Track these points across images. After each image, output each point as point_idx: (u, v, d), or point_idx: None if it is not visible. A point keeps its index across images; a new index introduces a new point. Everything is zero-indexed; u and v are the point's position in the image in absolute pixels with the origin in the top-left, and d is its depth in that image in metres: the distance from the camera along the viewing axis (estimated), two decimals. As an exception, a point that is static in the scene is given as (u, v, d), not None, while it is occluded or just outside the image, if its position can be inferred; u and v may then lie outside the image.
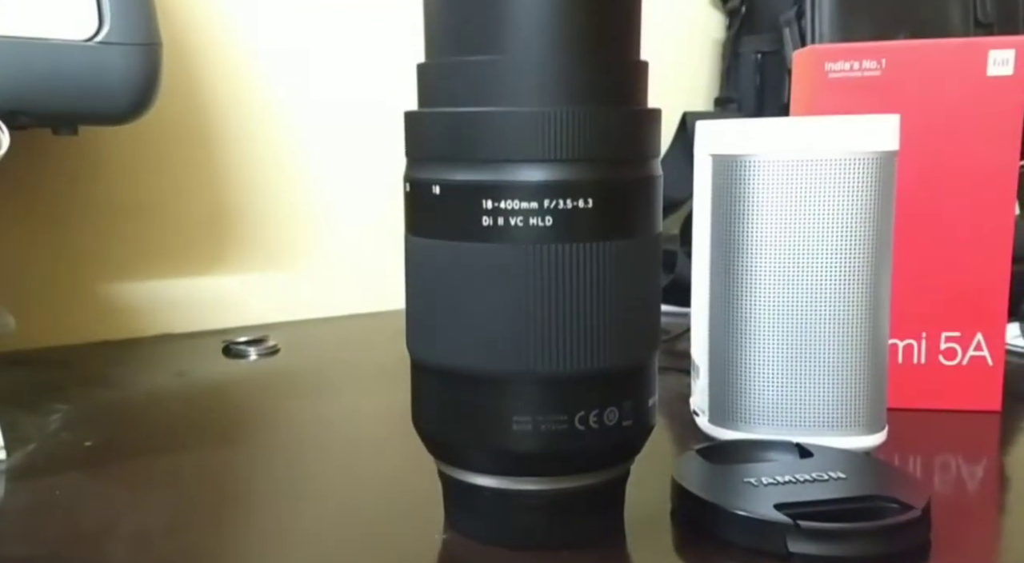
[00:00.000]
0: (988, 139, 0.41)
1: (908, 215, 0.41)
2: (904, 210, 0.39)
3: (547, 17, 0.26)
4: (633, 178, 0.28)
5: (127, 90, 0.44)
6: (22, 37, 0.41)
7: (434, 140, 0.28)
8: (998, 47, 0.41)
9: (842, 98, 0.41)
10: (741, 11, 0.66)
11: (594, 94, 0.27)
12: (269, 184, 0.63)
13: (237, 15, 0.60)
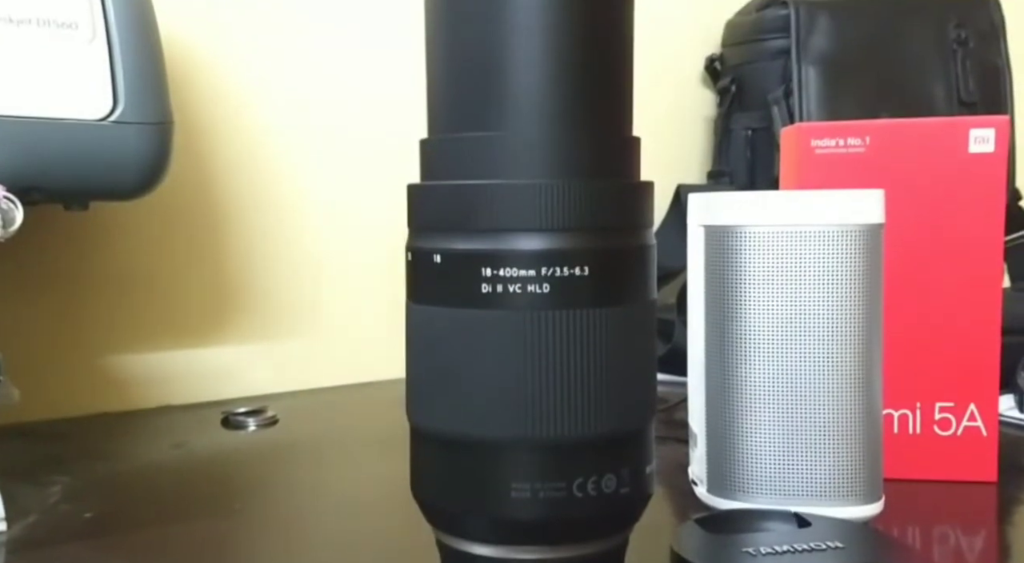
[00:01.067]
0: (972, 214, 0.43)
1: (897, 287, 0.42)
2: (893, 282, 0.40)
3: (543, 95, 0.27)
4: (627, 246, 0.29)
5: (139, 167, 0.46)
6: (40, 117, 0.43)
7: (436, 211, 0.29)
8: (978, 126, 0.42)
9: (828, 173, 0.43)
10: (731, 90, 0.68)
11: (589, 167, 0.28)
12: (269, 256, 0.64)
13: (240, 93, 0.62)
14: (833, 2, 0.65)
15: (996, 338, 0.43)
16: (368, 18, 0.65)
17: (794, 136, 0.44)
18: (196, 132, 0.60)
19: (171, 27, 0.49)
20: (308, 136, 0.64)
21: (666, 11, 0.71)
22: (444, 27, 0.29)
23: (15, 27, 0.43)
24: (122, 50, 0.45)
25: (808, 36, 0.63)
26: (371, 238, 0.66)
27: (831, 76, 0.62)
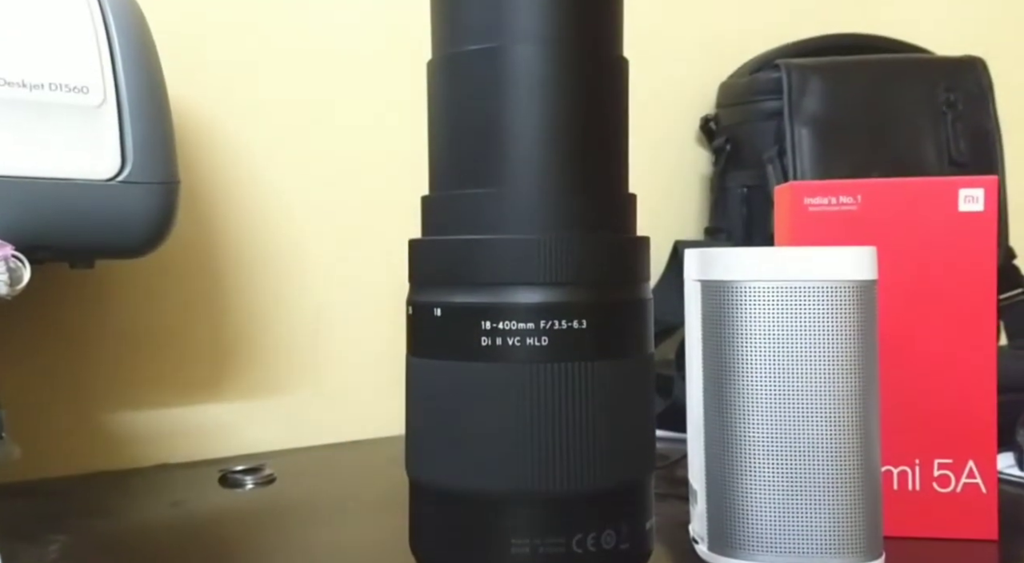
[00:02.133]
0: (965, 272, 0.43)
1: (893, 343, 0.42)
2: (889, 339, 0.40)
3: (541, 154, 0.28)
4: (625, 300, 0.30)
5: (145, 226, 0.46)
6: (49, 178, 0.43)
7: (436, 265, 0.29)
8: (967, 186, 0.43)
9: (821, 230, 0.43)
10: (726, 149, 0.69)
11: (586, 223, 0.29)
12: (269, 312, 0.64)
13: (243, 151, 0.63)
14: (823, 65, 0.66)
15: (992, 395, 0.43)
16: (370, 78, 0.66)
17: (788, 194, 0.45)
18: (199, 190, 0.61)
19: (178, 87, 0.50)
20: (310, 193, 0.65)
21: (662, 72, 0.73)
22: (446, 88, 0.30)
23: (28, 91, 0.44)
24: (132, 112, 0.46)
25: (800, 98, 0.64)
26: (372, 294, 0.66)
27: (823, 136, 0.64)
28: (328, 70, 0.65)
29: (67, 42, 0.44)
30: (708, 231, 0.73)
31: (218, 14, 0.61)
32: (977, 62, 0.68)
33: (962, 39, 0.74)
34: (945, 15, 0.83)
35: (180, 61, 0.52)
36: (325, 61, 0.64)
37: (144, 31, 0.47)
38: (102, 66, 0.45)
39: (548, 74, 0.28)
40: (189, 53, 0.59)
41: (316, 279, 0.66)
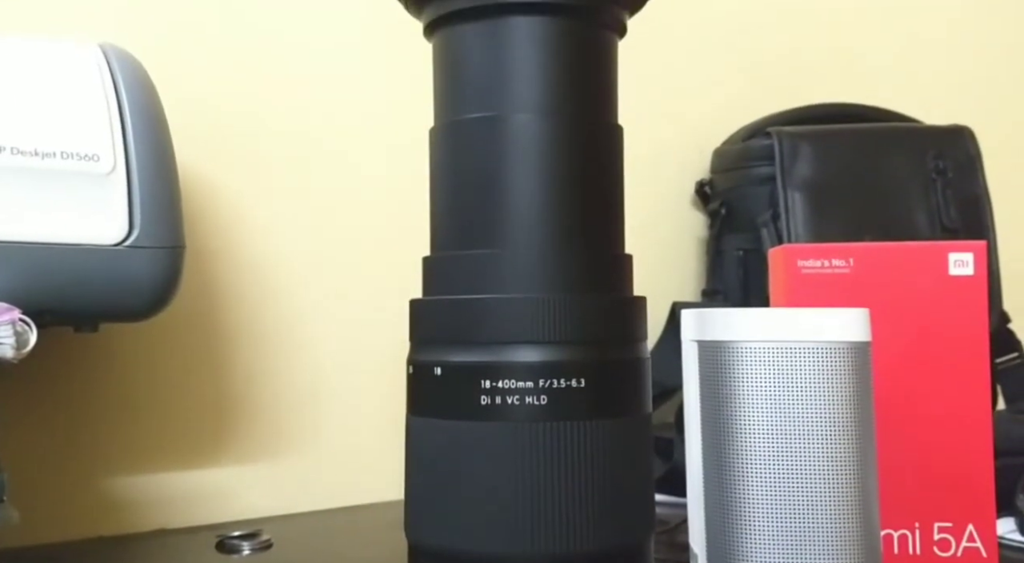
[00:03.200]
0: (957, 335, 0.44)
1: (889, 406, 0.42)
2: (885, 401, 0.40)
3: (539, 216, 0.29)
4: (622, 359, 0.30)
5: (150, 290, 0.46)
6: (57, 243, 0.44)
7: (437, 324, 0.30)
8: (957, 250, 0.44)
9: (815, 292, 0.44)
10: (721, 212, 0.71)
11: (583, 283, 0.29)
12: (268, 375, 0.65)
13: (245, 216, 0.64)
14: (814, 133, 0.68)
15: (989, 458, 0.43)
16: (373, 143, 0.68)
17: (781, 256, 0.45)
18: (200, 253, 0.62)
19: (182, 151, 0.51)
20: (311, 255, 0.66)
21: (658, 139, 0.75)
22: (448, 154, 0.31)
23: (40, 159, 0.45)
24: (140, 179, 0.47)
25: (792, 164, 0.66)
26: (372, 355, 0.67)
27: (816, 201, 0.65)
28: (331, 136, 0.66)
29: (80, 111, 0.46)
30: (705, 293, 0.73)
31: (225, 81, 0.63)
32: (964, 131, 0.69)
33: (949, 109, 0.76)
34: (932, 85, 0.86)
35: (186, 126, 0.53)
36: (328, 128, 0.66)
37: (154, 98, 0.49)
38: (113, 134, 0.46)
39: (546, 141, 0.29)
40: (196, 118, 0.60)
41: (316, 341, 0.66)
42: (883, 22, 0.85)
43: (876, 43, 0.84)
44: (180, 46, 0.61)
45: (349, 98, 0.67)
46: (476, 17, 0.31)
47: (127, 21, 0.60)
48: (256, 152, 0.64)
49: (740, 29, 0.79)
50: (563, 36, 0.31)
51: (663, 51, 0.75)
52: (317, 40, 0.65)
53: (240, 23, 0.63)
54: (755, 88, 0.78)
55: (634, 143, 0.32)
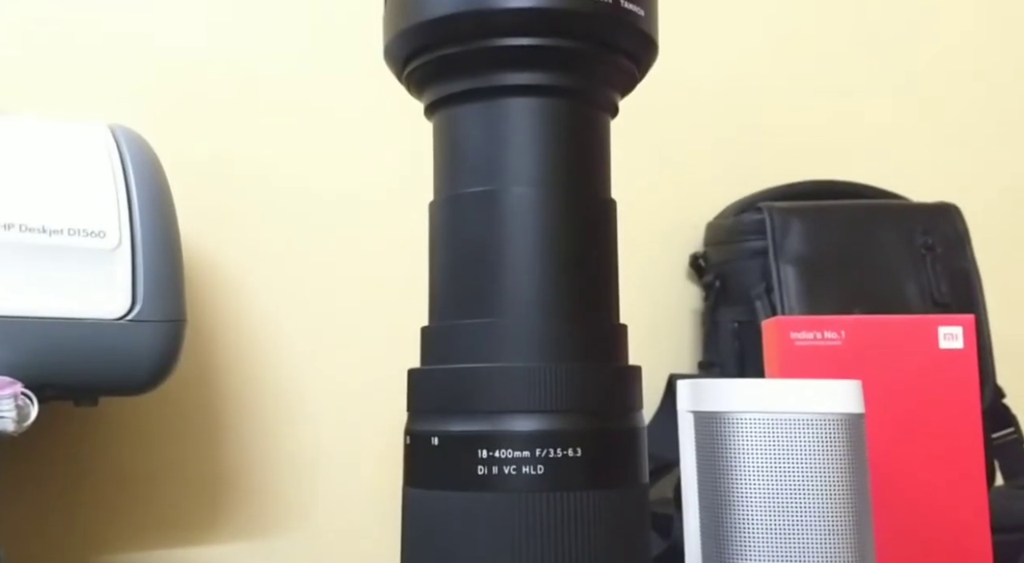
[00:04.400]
0: (950, 409, 0.44)
1: (884, 478, 0.43)
2: (880, 473, 0.41)
3: (536, 286, 0.30)
4: (618, 428, 0.30)
5: (151, 364, 0.47)
6: (60, 318, 0.45)
7: (434, 394, 0.30)
8: (946, 324, 0.45)
9: (808, 364, 0.45)
10: (716, 285, 0.71)
11: (579, 352, 0.30)
12: (267, 448, 0.64)
13: (243, 289, 0.65)
14: (804, 208, 0.69)
15: (986, 533, 0.43)
16: (371, 217, 0.69)
17: (775, 328, 0.46)
18: (198, 326, 0.63)
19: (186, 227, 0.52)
20: (309, 329, 0.66)
21: (652, 212, 0.76)
22: (447, 227, 0.32)
23: (48, 236, 0.45)
24: (144, 254, 0.48)
25: (783, 238, 0.67)
26: (370, 428, 0.67)
27: (808, 275, 0.66)
28: (332, 211, 0.67)
29: (87, 189, 0.47)
30: (702, 365, 0.74)
31: (229, 157, 0.65)
32: (951, 208, 0.71)
33: (936, 186, 0.77)
34: (919, 164, 0.88)
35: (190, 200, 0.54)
36: (329, 203, 0.67)
37: (160, 175, 0.50)
38: (119, 211, 0.47)
39: (541, 213, 0.30)
40: (200, 193, 0.62)
41: (313, 413, 0.66)
42: (870, 101, 0.87)
43: (863, 121, 0.87)
44: (186, 124, 0.63)
45: (350, 174, 0.68)
46: (475, 98, 0.33)
47: (137, 101, 0.62)
48: (256, 226, 0.65)
49: (730, 108, 0.82)
50: (557, 116, 0.32)
51: (657, 129, 0.77)
52: (320, 119, 0.67)
53: (246, 101, 0.65)
54: (745, 164, 0.80)
55: (629, 217, 0.33)
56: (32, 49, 0.60)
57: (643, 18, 0.33)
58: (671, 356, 0.76)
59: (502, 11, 0.31)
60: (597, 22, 0.32)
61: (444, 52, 0.32)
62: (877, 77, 0.88)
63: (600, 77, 0.33)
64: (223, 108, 0.64)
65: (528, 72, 0.32)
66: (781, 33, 0.85)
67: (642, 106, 0.51)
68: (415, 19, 0.32)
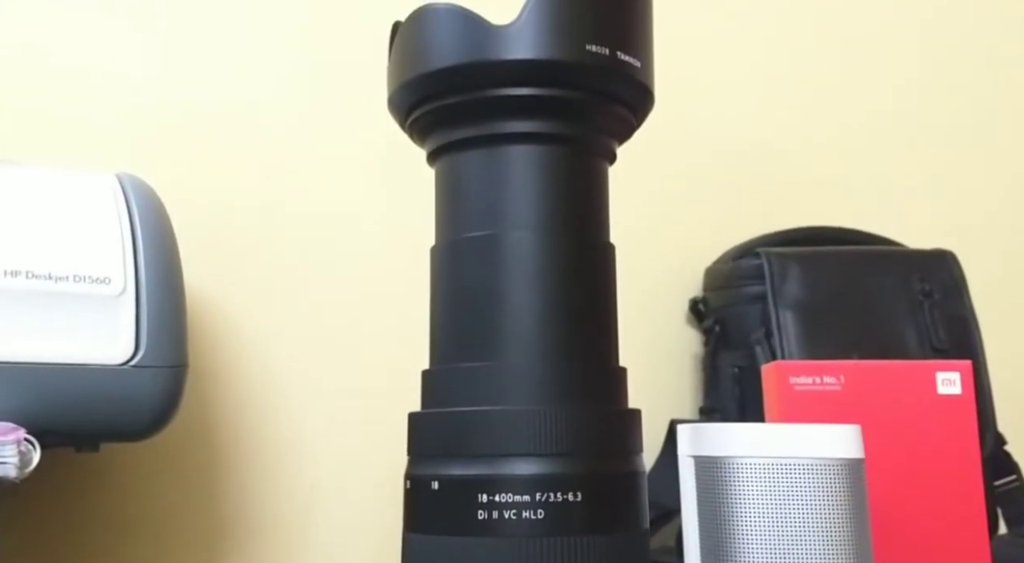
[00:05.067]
0: (949, 455, 0.44)
1: (884, 524, 0.42)
2: (879, 519, 0.40)
3: (535, 329, 0.30)
4: (618, 472, 0.30)
5: (152, 409, 0.47)
6: (63, 363, 0.45)
7: (434, 438, 0.31)
8: (944, 369, 0.45)
9: (807, 409, 0.45)
10: (715, 330, 0.71)
11: (578, 395, 0.30)
12: (267, 492, 0.64)
13: (244, 336, 0.65)
14: (801, 254, 0.70)
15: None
16: (372, 263, 0.69)
17: (774, 373, 0.46)
18: (197, 370, 0.63)
19: (190, 273, 0.52)
20: (308, 371, 0.66)
21: (651, 257, 0.77)
22: (447, 270, 0.33)
23: (54, 283, 0.46)
24: (148, 301, 0.48)
25: (782, 283, 0.67)
26: (370, 473, 0.66)
27: (807, 319, 0.66)
28: (333, 257, 0.68)
29: (94, 236, 0.47)
30: (703, 411, 0.73)
31: (232, 203, 0.65)
32: (948, 255, 0.71)
33: (932, 233, 0.78)
34: (915, 211, 0.88)
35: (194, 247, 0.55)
36: (331, 249, 0.68)
37: (165, 223, 0.50)
38: (124, 257, 0.48)
39: (540, 257, 0.31)
40: (204, 239, 0.62)
41: (313, 459, 0.66)
42: (866, 149, 0.88)
43: (859, 169, 0.88)
44: (192, 172, 0.64)
45: (351, 221, 0.69)
46: (476, 146, 0.33)
47: (144, 150, 0.63)
48: (258, 271, 0.66)
49: (729, 155, 0.83)
50: (557, 162, 0.33)
51: (656, 174, 0.78)
52: (322, 165, 0.68)
53: (249, 150, 0.66)
54: (743, 210, 0.81)
55: (629, 261, 0.33)
56: (42, 100, 0.61)
57: (639, 69, 0.34)
58: (672, 401, 0.76)
59: (503, 62, 0.32)
60: (595, 73, 0.32)
61: (446, 102, 0.33)
62: (872, 125, 0.89)
63: (598, 125, 0.34)
64: (227, 157, 0.65)
65: (528, 120, 0.33)
66: (778, 82, 0.86)
67: (642, 152, 0.52)
68: (419, 70, 0.33)
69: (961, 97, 0.93)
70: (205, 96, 0.65)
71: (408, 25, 0.34)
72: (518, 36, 0.32)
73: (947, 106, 0.93)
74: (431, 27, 0.33)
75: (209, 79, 0.65)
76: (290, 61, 0.68)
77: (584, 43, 0.32)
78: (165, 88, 0.64)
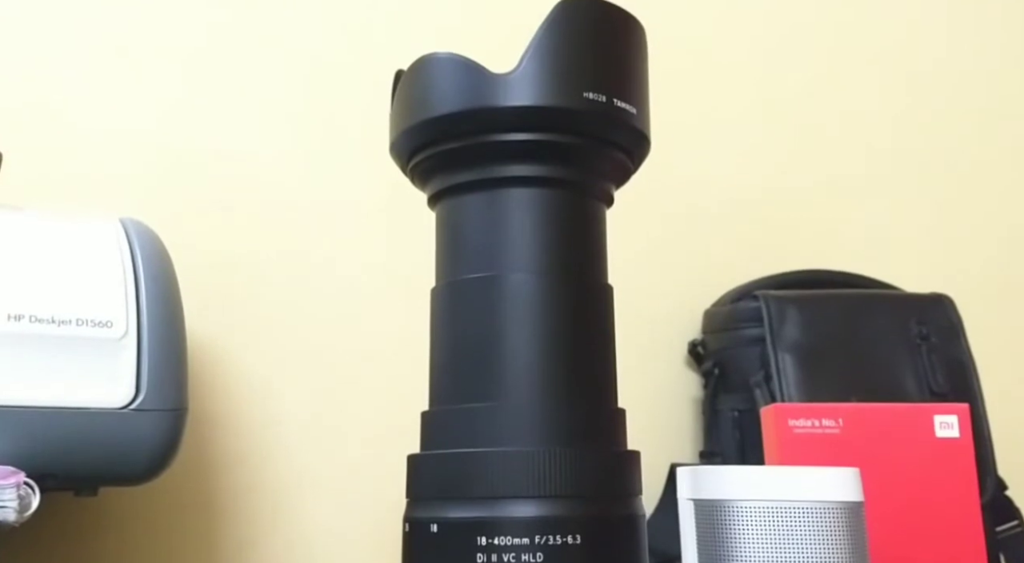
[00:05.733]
0: (949, 498, 0.44)
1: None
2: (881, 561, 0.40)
3: (534, 371, 0.30)
4: (618, 515, 0.30)
5: (152, 453, 0.46)
6: (63, 407, 0.44)
7: (433, 480, 0.31)
8: (941, 413, 0.45)
9: (806, 451, 0.45)
10: (715, 372, 0.71)
11: (577, 435, 0.30)
12: (264, 540, 0.64)
13: (245, 382, 0.65)
14: (799, 297, 0.70)
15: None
16: (372, 305, 0.69)
17: (773, 416, 0.47)
18: (197, 415, 0.63)
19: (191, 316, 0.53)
20: (310, 417, 0.66)
21: (650, 300, 0.77)
22: (447, 311, 0.33)
23: (56, 327, 0.46)
24: (150, 344, 0.48)
25: (780, 326, 0.68)
26: (370, 515, 0.66)
27: (806, 362, 0.66)
28: (334, 300, 0.68)
29: (97, 280, 0.47)
30: (703, 455, 0.73)
31: (234, 248, 0.66)
32: (944, 299, 0.72)
33: (929, 278, 0.78)
34: (912, 255, 0.89)
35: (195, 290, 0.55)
36: (331, 292, 0.68)
37: (167, 267, 0.51)
38: (127, 301, 0.48)
39: (540, 298, 0.31)
40: (205, 282, 0.63)
41: (314, 501, 0.66)
42: (863, 194, 0.89)
43: (856, 214, 0.88)
44: (195, 217, 0.65)
45: (352, 264, 0.69)
46: (476, 189, 0.34)
47: (149, 196, 0.63)
48: (257, 316, 0.66)
49: (727, 198, 0.83)
50: (555, 205, 0.34)
51: (654, 218, 0.79)
52: (323, 210, 0.69)
53: (251, 195, 0.67)
54: (741, 253, 0.81)
55: (628, 303, 0.34)
56: (49, 146, 0.62)
57: (635, 116, 0.34)
58: (672, 445, 0.75)
59: (502, 109, 0.33)
60: (592, 119, 0.33)
61: (448, 146, 0.34)
62: (869, 170, 0.90)
63: (595, 169, 0.35)
64: (230, 202, 0.66)
65: (527, 164, 0.33)
66: (776, 127, 0.88)
67: (641, 195, 0.53)
68: (420, 117, 0.34)
69: (957, 143, 0.95)
70: (208, 143, 0.66)
71: (411, 73, 0.35)
72: (517, 84, 0.32)
73: (943, 151, 0.94)
74: (433, 75, 0.34)
75: (212, 126, 0.67)
76: (292, 109, 0.69)
77: (582, 90, 0.33)
78: (169, 135, 0.65)
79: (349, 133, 0.70)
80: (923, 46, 0.96)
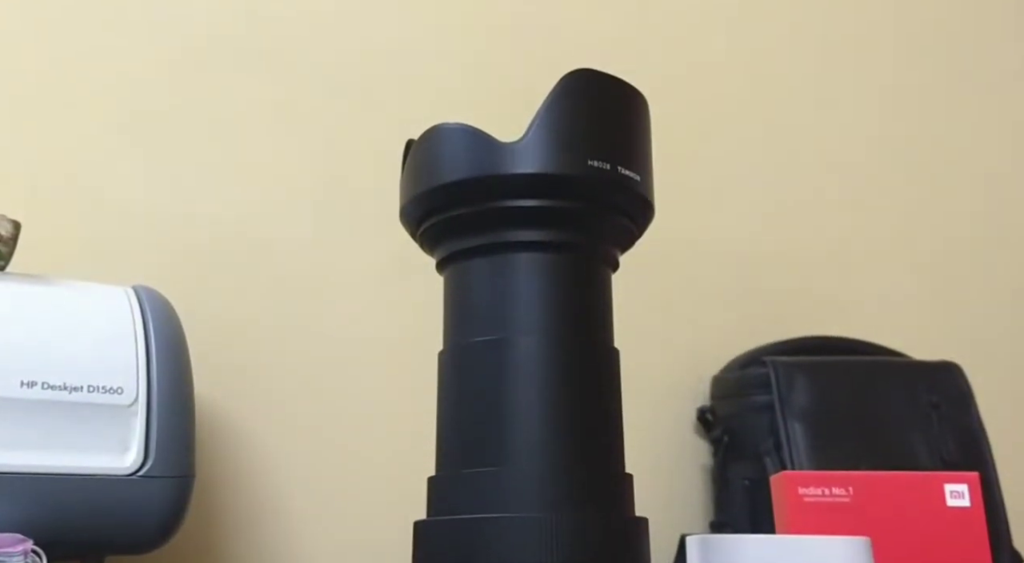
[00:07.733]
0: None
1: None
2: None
3: (541, 435, 0.30)
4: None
5: (159, 520, 0.46)
6: (72, 474, 0.44)
7: (439, 548, 0.30)
8: (952, 481, 0.45)
9: (817, 520, 0.44)
10: (724, 440, 0.71)
11: (584, 500, 0.30)
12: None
13: (250, 446, 0.65)
14: (808, 363, 0.70)
15: None
16: (378, 369, 0.69)
17: (783, 484, 0.46)
18: (202, 481, 0.62)
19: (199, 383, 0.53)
20: (315, 483, 0.66)
21: (658, 364, 0.77)
22: (455, 375, 0.33)
23: (68, 394, 0.46)
24: (159, 411, 0.48)
25: (789, 393, 0.67)
26: None
27: (816, 430, 0.65)
28: (338, 370, 0.68)
29: (109, 348, 0.48)
30: (713, 526, 0.72)
31: (243, 316, 0.66)
32: (953, 367, 0.71)
33: (937, 346, 0.78)
34: (920, 323, 0.89)
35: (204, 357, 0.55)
36: (337, 356, 0.68)
37: (179, 335, 0.51)
38: (138, 369, 0.48)
39: (546, 361, 0.32)
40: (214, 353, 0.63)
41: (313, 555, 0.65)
42: (870, 261, 0.90)
43: (864, 281, 0.89)
44: (206, 285, 0.65)
45: (359, 333, 0.70)
46: (484, 253, 0.35)
47: (162, 265, 0.64)
48: (264, 383, 0.66)
49: (734, 265, 0.84)
50: (561, 269, 0.34)
51: (662, 283, 0.79)
52: (332, 278, 0.70)
53: (261, 265, 0.68)
54: (748, 319, 0.81)
55: (635, 369, 0.34)
56: (63, 215, 0.63)
57: (639, 182, 0.35)
58: (682, 515, 0.74)
59: (510, 176, 0.33)
60: (597, 186, 0.34)
61: (456, 212, 0.35)
62: (877, 237, 0.91)
63: (600, 234, 0.36)
64: (241, 271, 0.67)
65: (534, 230, 0.34)
66: (784, 193, 0.88)
67: (648, 261, 0.53)
68: (430, 184, 0.35)
69: (965, 211, 0.95)
70: (221, 212, 0.67)
71: (420, 142, 0.36)
72: (524, 152, 0.33)
73: (951, 220, 0.94)
74: (442, 144, 0.35)
75: (224, 196, 0.68)
76: (304, 179, 0.71)
77: (587, 159, 0.34)
78: (182, 205, 0.66)
79: (360, 203, 0.71)
80: (931, 123, 0.98)
